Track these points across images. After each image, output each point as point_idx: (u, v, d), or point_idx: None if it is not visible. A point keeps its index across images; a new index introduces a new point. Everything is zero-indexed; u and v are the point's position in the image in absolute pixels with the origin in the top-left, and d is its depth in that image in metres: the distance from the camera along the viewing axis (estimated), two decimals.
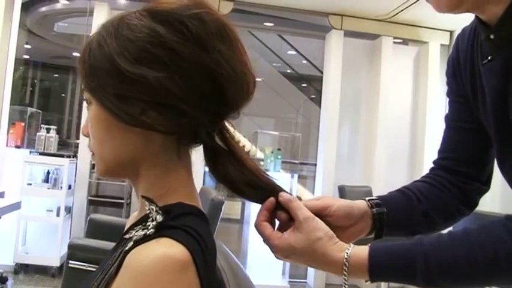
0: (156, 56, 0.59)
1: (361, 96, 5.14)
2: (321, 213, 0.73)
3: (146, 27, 0.60)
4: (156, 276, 0.51)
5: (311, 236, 0.67)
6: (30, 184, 4.48)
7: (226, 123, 0.68)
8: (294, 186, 4.95)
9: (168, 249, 0.53)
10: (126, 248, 0.56)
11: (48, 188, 4.52)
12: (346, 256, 0.65)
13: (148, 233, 0.57)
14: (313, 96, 8.35)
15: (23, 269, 4.33)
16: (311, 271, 4.81)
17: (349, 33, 5.01)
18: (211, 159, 0.66)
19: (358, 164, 5.06)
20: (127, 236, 0.61)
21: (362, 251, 0.65)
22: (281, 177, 4.94)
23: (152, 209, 0.60)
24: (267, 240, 0.69)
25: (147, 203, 0.61)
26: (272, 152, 4.64)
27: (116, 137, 0.64)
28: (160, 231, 0.57)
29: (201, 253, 0.56)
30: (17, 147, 4.57)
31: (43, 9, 6.96)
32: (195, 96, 0.60)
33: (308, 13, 4.97)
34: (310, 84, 8.76)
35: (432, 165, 0.92)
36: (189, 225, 0.58)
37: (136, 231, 0.59)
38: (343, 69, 4.91)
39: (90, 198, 4.75)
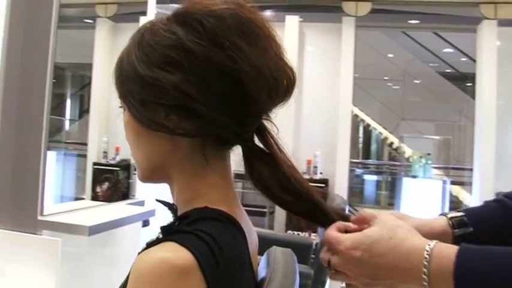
0: (172, 59, 0.59)
1: None
2: None
3: (166, 30, 0.61)
4: (151, 281, 0.51)
5: (390, 223, 0.60)
6: None
7: (267, 124, 0.65)
8: (446, 194, 4.69)
9: (168, 254, 0.52)
10: (140, 251, 0.57)
11: None
12: (428, 246, 0.55)
13: (159, 236, 0.57)
14: None
15: None
16: None
17: (504, 23, 4.66)
18: (247, 161, 0.64)
19: None
20: None
21: (449, 247, 0.55)
22: (431, 184, 4.71)
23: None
24: (333, 242, 0.62)
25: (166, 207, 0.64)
26: (421, 157, 4.46)
27: (145, 142, 0.65)
28: (170, 235, 0.56)
29: (212, 258, 0.54)
30: None
31: None
32: (212, 97, 0.59)
33: (455, 5, 4.73)
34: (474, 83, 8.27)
35: None
36: (203, 229, 0.56)
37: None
38: (498, 63, 4.57)
39: None
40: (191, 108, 0.59)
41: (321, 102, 5.13)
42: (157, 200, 0.70)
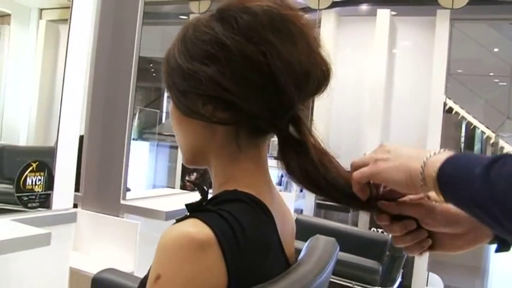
0: (209, 53, 0.63)
1: None
2: (419, 218, 0.63)
3: (206, 26, 0.65)
4: (173, 251, 0.54)
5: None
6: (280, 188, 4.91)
7: (302, 116, 0.66)
8: None
9: (190, 228, 0.55)
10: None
11: (280, 191, 4.89)
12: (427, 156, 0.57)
13: (186, 214, 0.60)
14: None
15: None
16: None
17: None
18: (280, 150, 0.66)
19: None
20: None
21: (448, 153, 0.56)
22: None
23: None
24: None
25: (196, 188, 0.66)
26: None
27: (186, 130, 0.69)
28: (195, 213, 0.58)
29: (233, 237, 0.56)
30: None
31: None
32: (245, 88, 0.62)
33: None
34: None
35: None
36: (228, 210, 0.58)
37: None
38: None
39: (317, 201, 4.96)
40: (225, 99, 0.62)
41: (412, 99, 4.92)
42: (187, 180, 0.76)
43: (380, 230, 4.43)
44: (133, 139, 5.88)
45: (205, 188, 0.69)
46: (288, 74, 0.63)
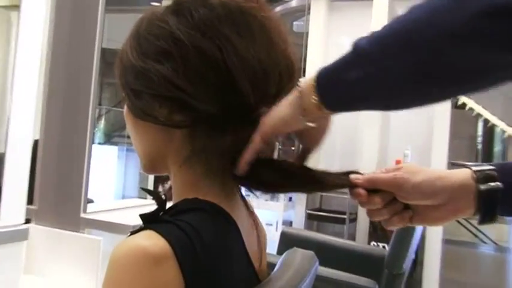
0: (162, 48, 0.65)
1: None
2: (394, 191, 0.67)
3: (161, 19, 0.67)
4: (125, 267, 0.55)
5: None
6: (248, 195, 4.91)
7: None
8: None
9: (143, 241, 0.56)
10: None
11: (266, 200, 4.88)
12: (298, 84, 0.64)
13: (141, 226, 0.61)
14: None
15: None
16: None
17: None
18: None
19: None
20: None
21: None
22: None
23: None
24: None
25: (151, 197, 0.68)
26: None
27: (142, 134, 0.72)
28: (150, 224, 0.60)
29: (192, 249, 0.57)
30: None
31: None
32: (201, 87, 0.64)
33: None
34: None
35: None
36: (186, 220, 0.60)
37: None
38: None
39: (308, 211, 4.96)
40: (180, 99, 0.64)
41: None
42: (142, 188, 0.76)
43: (381, 245, 4.46)
44: (100, 143, 5.85)
45: (162, 196, 0.69)
46: (245, 72, 0.65)
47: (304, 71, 4.93)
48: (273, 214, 4.86)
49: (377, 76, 0.57)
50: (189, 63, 0.64)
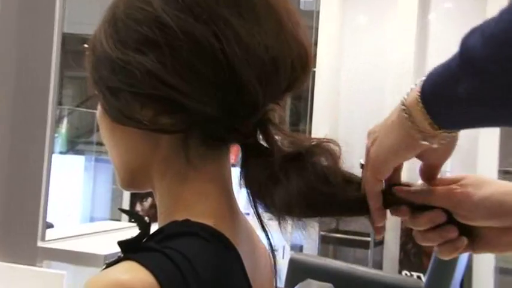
0: (145, 36, 0.65)
1: None
2: (450, 208, 0.67)
3: (142, 1, 0.67)
4: None
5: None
6: (248, 214, 4.90)
7: (272, 118, 0.70)
8: None
9: (123, 276, 0.56)
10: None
11: (270, 219, 4.86)
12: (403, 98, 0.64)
13: (121, 255, 0.61)
14: None
15: None
16: None
17: None
18: (243, 163, 0.70)
19: None
20: None
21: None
22: None
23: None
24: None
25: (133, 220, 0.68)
26: None
27: (120, 141, 0.72)
28: (133, 253, 0.60)
29: (183, 284, 0.58)
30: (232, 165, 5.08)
31: None
32: (195, 83, 0.64)
33: None
34: None
35: None
36: (176, 247, 0.60)
37: None
38: None
39: (323, 233, 4.94)
40: (169, 98, 0.64)
41: None
42: (120, 209, 0.76)
43: (416, 275, 4.44)
44: (62, 152, 5.83)
45: (146, 218, 0.69)
46: (250, 63, 0.65)
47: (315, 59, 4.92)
48: (278, 237, 4.84)
49: (499, 90, 0.54)
50: (178, 54, 0.63)
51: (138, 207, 4.15)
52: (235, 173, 0.71)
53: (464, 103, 0.57)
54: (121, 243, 0.64)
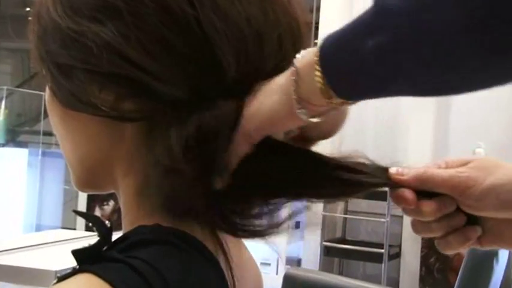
0: (103, 2, 0.64)
1: None
2: (455, 196, 0.67)
3: None
4: None
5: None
6: None
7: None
8: None
9: None
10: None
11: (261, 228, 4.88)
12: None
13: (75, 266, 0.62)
14: None
15: None
16: None
17: None
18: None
19: None
20: None
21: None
22: None
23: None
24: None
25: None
26: None
27: (74, 130, 0.72)
28: (90, 264, 0.60)
29: None
30: None
31: None
32: (163, 60, 0.64)
33: None
34: None
35: None
36: (143, 257, 0.60)
37: None
38: None
39: (326, 244, 4.97)
40: (133, 79, 0.64)
41: None
42: (75, 212, 0.75)
43: None
44: None
45: (106, 222, 0.68)
46: (227, 37, 0.65)
47: (316, 33, 4.96)
48: (270, 248, 4.86)
49: (415, 40, 0.55)
50: (144, 25, 0.63)
51: (98, 213, 4.15)
52: None
53: (374, 59, 0.57)
54: (76, 252, 0.63)
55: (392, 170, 0.68)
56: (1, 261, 1.83)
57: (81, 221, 4.00)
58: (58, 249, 2.15)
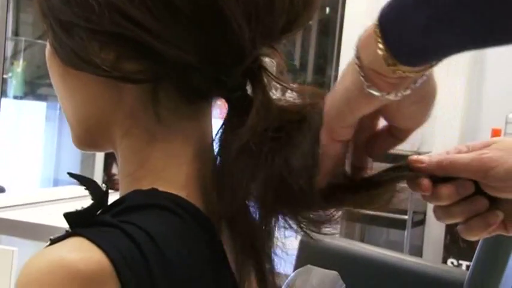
0: None
1: None
2: (478, 179, 0.69)
3: None
4: None
5: None
6: None
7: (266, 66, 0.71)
8: None
9: (69, 254, 0.58)
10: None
11: None
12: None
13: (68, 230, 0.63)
14: None
15: None
16: None
17: None
18: (226, 121, 0.71)
19: None
20: None
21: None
22: None
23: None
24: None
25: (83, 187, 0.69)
26: None
27: (74, 89, 0.74)
28: (82, 227, 0.61)
29: (144, 268, 0.59)
30: None
31: None
32: (169, 22, 0.66)
33: None
34: None
35: None
36: (136, 222, 0.62)
37: None
38: None
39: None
40: (135, 39, 0.66)
41: None
42: (69, 174, 0.75)
43: (464, 264, 4.42)
44: (17, 97, 5.81)
45: (100, 185, 0.69)
46: None
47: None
48: None
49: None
50: None
51: (115, 170, 4.16)
52: None
53: (428, 23, 0.58)
54: (68, 215, 0.64)
55: (412, 158, 0.70)
56: (15, 216, 1.85)
57: (98, 177, 4.02)
58: (73, 205, 2.14)
